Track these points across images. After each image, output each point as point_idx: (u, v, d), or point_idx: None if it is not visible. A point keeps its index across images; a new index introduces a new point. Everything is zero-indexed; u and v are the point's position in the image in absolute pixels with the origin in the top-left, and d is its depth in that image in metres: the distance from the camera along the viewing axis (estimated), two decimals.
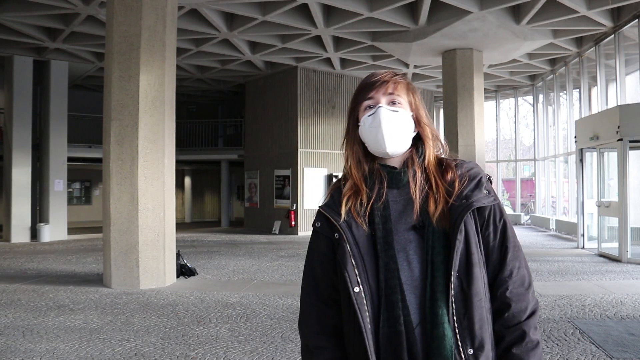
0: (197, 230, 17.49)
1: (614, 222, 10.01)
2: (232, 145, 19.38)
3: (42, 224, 13.64)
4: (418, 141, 1.34)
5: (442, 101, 15.15)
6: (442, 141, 1.38)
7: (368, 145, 1.31)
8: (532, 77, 17.35)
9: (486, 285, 1.25)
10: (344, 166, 1.37)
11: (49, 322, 5.35)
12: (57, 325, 5.25)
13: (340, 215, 1.27)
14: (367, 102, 1.31)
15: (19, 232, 13.46)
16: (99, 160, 10.31)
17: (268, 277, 8.01)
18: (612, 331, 4.89)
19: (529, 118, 21.31)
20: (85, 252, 11.12)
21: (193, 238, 14.39)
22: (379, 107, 1.28)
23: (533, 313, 1.26)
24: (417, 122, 1.33)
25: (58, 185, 14.08)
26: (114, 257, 7.16)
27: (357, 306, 1.20)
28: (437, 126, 20.24)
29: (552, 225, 15.43)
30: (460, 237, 1.21)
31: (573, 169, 13.58)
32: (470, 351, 1.18)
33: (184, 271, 8.01)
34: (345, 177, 1.36)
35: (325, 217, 1.31)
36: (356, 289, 1.21)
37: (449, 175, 1.29)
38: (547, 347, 4.46)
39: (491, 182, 1.34)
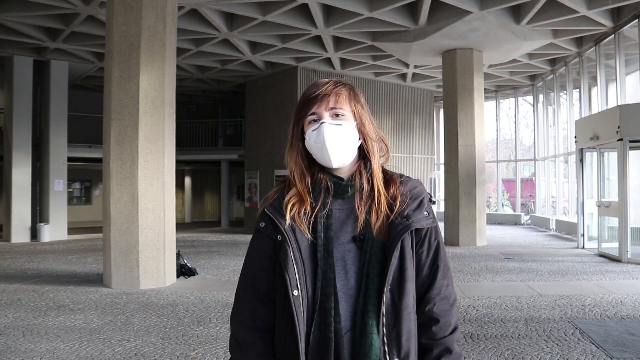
0: (197, 230, 17.49)
1: (614, 222, 10.01)
2: (232, 145, 19.38)
3: (42, 224, 13.64)
4: (365, 151, 1.35)
5: (442, 101, 15.16)
6: (386, 143, 1.38)
7: (315, 157, 1.33)
8: (532, 77, 17.35)
9: (414, 300, 1.30)
10: (288, 174, 1.37)
11: (49, 322, 5.35)
12: (57, 325, 5.25)
13: (284, 218, 1.29)
14: (311, 117, 1.32)
15: (19, 232, 13.46)
16: (99, 160, 10.31)
17: None
18: (612, 331, 4.89)
19: (529, 118, 21.33)
20: (85, 252, 11.12)
21: (193, 238, 14.39)
22: (322, 122, 1.29)
23: (456, 329, 1.34)
24: (360, 131, 1.34)
25: (58, 185, 14.08)
26: (114, 257, 7.16)
27: (294, 309, 1.23)
28: (437, 126, 20.30)
29: (552, 225, 15.43)
30: (397, 254, 1.26)
31: (573, 169, 13.59)
32: None
33: (184, 271, 8.01)
34: (288, 182, 1.36)
35: (270, 218, 1.32)
36: (295, 292, 1.24)
37: (392, 190, 1.32)
38: (547, 347, 4.46)
39: (433, 203, 1.39)
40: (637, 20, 10.31)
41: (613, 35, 11.27)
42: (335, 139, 1.28)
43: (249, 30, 11.58)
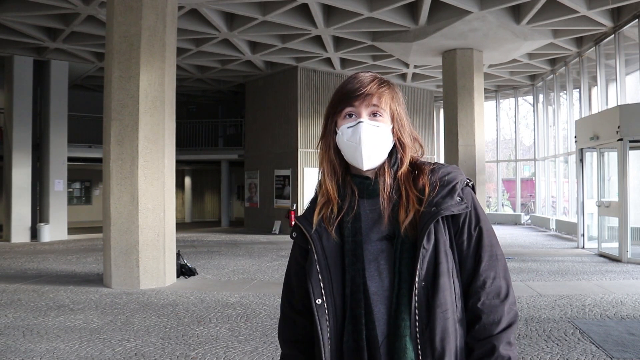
0: (197, 230, 17.49)
1: (614, 222, 10.00)
2: (232, 145, 19.38)
3: (42, 224, 13.64)
4: (393, 148, 1.29)
5: (442, 101, 15.16)
6: (421, 142, 1.33)
7: (345, 156, 1.27)
8: (532, 77, 17.35)
9: (457, 296, 1.21)
10: (319, 173, 1.34)
11: (49, 322, 5.35)
12: (57, 325, 5.25)
13: (312, 225, 1.26)
14: (348, 110, 1.26)
15: (19, 232, 13.46)
16: (99, 160, 10.32)
17: (268, 277, 8.01)
18: (612, 331, 4.89)
19: (529, 118, 21.32)
20: (85, 252, 11.12)
21: (193, 238, 14.39)
22: (360, 122, 1.23)
23: (508, 327, 1.19)
24: (398, 131, 1.28)
25: (58, 185, 14.08)
26: (114, 257, 7.16)
27: (317, 318, 1.21)
28: (437, 126, 20.29)
29: (552, 225, 15.43)
30: (428, 246, 1.18)
31: (573, 169, 13.58)
32: None
33: (184, 271, 8.01)
34: (320, 185, 1.33)
35: (299, 228, 1.30)
36: (318, 301, 1.21)
37: (421, 182, 1.25)
38: (547, 347, 4.46)
39: (473, 188, 1.29)
40: (637, 20, 10.31)
41: (613, 35, 11.27)
42: (371, 141, 1.23)
43: (249, 30, 11.58)
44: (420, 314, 1.16)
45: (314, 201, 1.33)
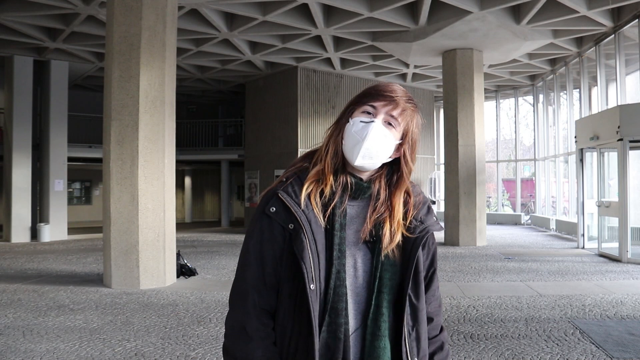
0: (197, 230, 17.49)
1: (614, 222, 10.00)
2: (232, 145, 19.38)
3: (42, 224, 13.64)
4: (392, 166, 1.33)
5: (442, 101, 15.15)
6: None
7: (344, 145, 1.28)
8: (532, 77, 17.35)
9: (424, 301, 1.35)
10: (319, 151, 1.32)
11: (49, 322, 5.35)
12: (57, 325, 5.25)
13: (299, 204, 1.23)
14: (368, 108, 1.28)
15: (19, 232, 13.46)
16: (99, 160, 10.31)
17: None
18: (612, 331, 4.89)
19: (529, 118, 21.33)
20: (85, 252, 11.12)
21: (193, 238, 14.39)
22: (374, 121, 1.26)
23: (443, 328, 1.44)
24: (406, 151, 1.31)
25: (58, 185, 14.08)
26: (114, 257, 7.16)
27: (311, 303, 1.18)
28: (437, 126, 20.29)
29: (552, 225, 15.43)
30: (419, 255, 1.30)
31: (573, 169, 13.58)
32: None
33: (184, 271, 8.01)
34: (312, 160, 1.31)
35: (282, 204, 1.23)
36: (312, 286, 1.19)
37: (410, 202, 1.34)
38: (547, 347, 4.46)
39: (433, 203, 1.40)
40: (637, 20, 10.31)
41: (613, 35, 11.27)
42: (375, 143, 1.25)
43: (249, 30, 11.58)
44: (407, 317, 1.27)
45: (297, 180, 1.28)
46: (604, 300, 6.23)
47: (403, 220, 1.29)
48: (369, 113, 1.28)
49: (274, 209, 1.24)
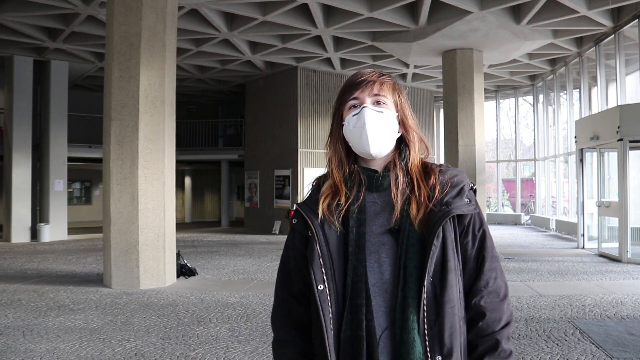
0: (197, 230, 17.49)
1: (614, 222, 10.00)
2: (232, 145, 19.38)
3: (42, 224, 13.64)
4: (402, 143, 1.32)
5: (442, 101, 15.15)
6: (427, 144, 1.36)
7: (352, 145, 1.30)
8: (532, 77, 17.35)
9: (461, 294, 1.25)
10: (326, 165, 1.36)
11: (49, 322, 5.35)
12: (57, 325, 5.25)
13: (316, 214, 1.27)
14: (351, 102, 1.30)
15: (19, 232, 13.46)
16: (99, 160, 10.31)
17: (268, 277, 8.00)
18: (612, 331, 4.89)
19: (529, 118, 21.31)
20: (85, 252, 11.12)
21: (193, 238, 14.39)
22: (364, 107, 1.27)
23: (507, 324, 1.26)
24: (402, 123, 1.32)
25: (58, 185, 14.08)
26: (114, 257, 7.16)
27: (319, 304, 1.21)
28: (437, 126, 20.29)
29: (552, 225, 15.43)
30: (437, 243, 1.20)
31: (573, 169, 13.58)
32: (439, 358, 1.18)
33: (184, 271, 8.00)
34: (326, 176, 1.35)
35: (300, 215, 1.30)
36: (320, 287, 1.21)
37: (432, 180, 1.28)
38: (547, 347, 4.46)
39: (475, 192, 1.33)
40: (637, 20, 10.31)
41: (613, 35, 11.27)
42: (376, 125, 1.26)
43: (249, 30, 11.58)
44: (429, 310, 1.18)
45: (316, 191, 1.34)
46: (604, 300, 6.23)
47: (429, 201, 1.24)
48: (355, 106, 1.30)
49: (295, 221, 1.33)
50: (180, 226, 15.64)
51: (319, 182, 1.35)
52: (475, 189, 1.34)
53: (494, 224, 17.90)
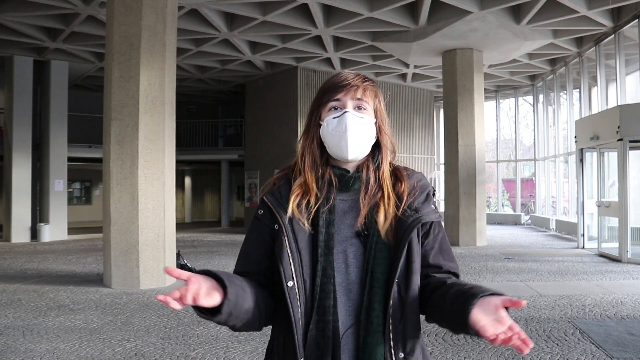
0: (197, 230, 17.49)
1: (614, 222, 10.00)
2: (232, 145, 19.38)
3: (42, 224, 13.64)
4: (375, 148, 1.34)
5: (442, 101, 15.15)
6: (396, 149, 1.39)
7: (328, 147, 1.30)
8: (532, 77, 17.35)
9: (417, 293, 1.28)
10: (298, 160, 1.35)
11: (49, 322, 5.35)
12: (57, 325, 5.25)
13: (286, 211, 1.26)
14: (333, 104, 1.30)
15: (19, 232, 13.46)
16: (99, 160, 10.30)
17: None
18: (612, 331, 4.89)
19: (529, 118, 21.32)
20: (85, 252, 11.12)
21: (193, 238, 14.39)
22: (346, 112, 1.28)
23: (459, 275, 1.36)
24: (379, 129, 1.34)
25: (58, 185, 14.08)
26: (114, 257, 7.16)
27: (289, 300, 1.20)
28: (437, 126, 20.30)
29: (552, 226, 15.43)
30: (404, 248, 1.24)
31: (573, 169, 13.58)
32: (401, 355, 1.22)
33: None
34: (293, 170, 1.34)
35: (268, 207, 1.30)
36: (290, 283, 1.21)
37: (402, 187, 1.31)
38: (547, 347, 4.46)
39: (434, 195, 1.37)
40: (637, 20, 10.31)
41: (613, 35, 11.26)
42: (357, 131, 1.27)
43: (249, 30, 11.58)
44: (395, 311, 1.22)
45: (285, 186, 1.31)
46: (604, 300, 6.23)
47: (396, 207, 1.27)
48: (335, 108, 1.30)
49: (261, 211, 1.32)
50: (180, 226, 15.63)
51: (288, 176, 1.34)
52: (435, 191, 1.38)
53: (494, 224, 17.90)
